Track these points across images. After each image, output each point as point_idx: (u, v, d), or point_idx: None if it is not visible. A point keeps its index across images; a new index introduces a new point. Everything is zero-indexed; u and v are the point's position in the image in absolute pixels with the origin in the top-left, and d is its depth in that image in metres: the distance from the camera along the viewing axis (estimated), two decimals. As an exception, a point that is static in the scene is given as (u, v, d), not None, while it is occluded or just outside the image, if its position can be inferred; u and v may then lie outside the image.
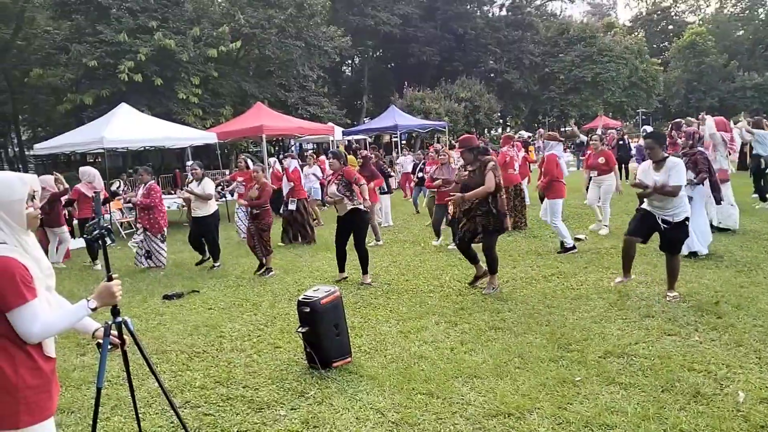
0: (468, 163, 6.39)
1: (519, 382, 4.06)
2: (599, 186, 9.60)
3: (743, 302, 5.37)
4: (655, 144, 5.63)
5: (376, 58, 46.07)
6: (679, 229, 5.56)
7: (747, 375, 3.89)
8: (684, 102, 60.48)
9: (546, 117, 50.58)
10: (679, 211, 5.53)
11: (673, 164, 5.54)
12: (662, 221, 5.58)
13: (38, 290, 2.23)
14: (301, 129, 19.95)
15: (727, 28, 68.96)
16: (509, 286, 6.70)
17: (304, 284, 7.35)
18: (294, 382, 4.37)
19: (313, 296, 4.48)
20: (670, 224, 5.56)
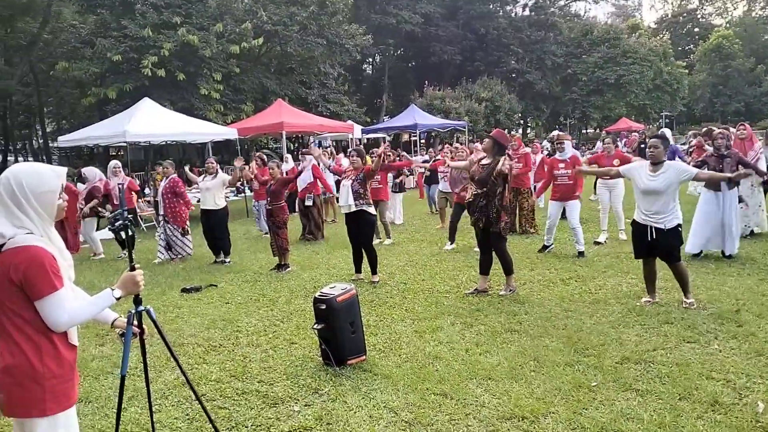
0: (486, 154, 6.37)
1: (534, 385, 4.03)
2: (610, 191, 9.43)
3: (765, 311, 5.27)
4: (661, 145, 5.53)
5: (397, 57, 46.04)
6: (673, 235, 5.40)
7: (767, 385, 3.82)
8: (709, 106, 59.60)
9: (568, 119, 50.15)
10: (672, 217, 5.37)
11: (673, 165, 5.48)
12: (655, 230, 5.40)
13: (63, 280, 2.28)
14: (321, 126, 20.01)
15: (754, 32, 67.75)
16: (526, 288, 6.65)
17: (320, 281, 7.38)
18: (308, 378, 4.39)
19: (329, 293, 4.50)
20: (662, 231, 5.38)
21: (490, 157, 6.28)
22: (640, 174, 5.57)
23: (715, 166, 7.28)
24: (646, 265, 5.69)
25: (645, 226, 5.48)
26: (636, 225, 5.60)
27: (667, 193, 5.37)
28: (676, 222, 5.40)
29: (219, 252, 9.20)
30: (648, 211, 5.46)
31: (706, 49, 59.67)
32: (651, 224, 5.43)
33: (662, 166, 5.43)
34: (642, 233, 5.52)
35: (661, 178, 5.39)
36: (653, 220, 5.42)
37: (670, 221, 5.38)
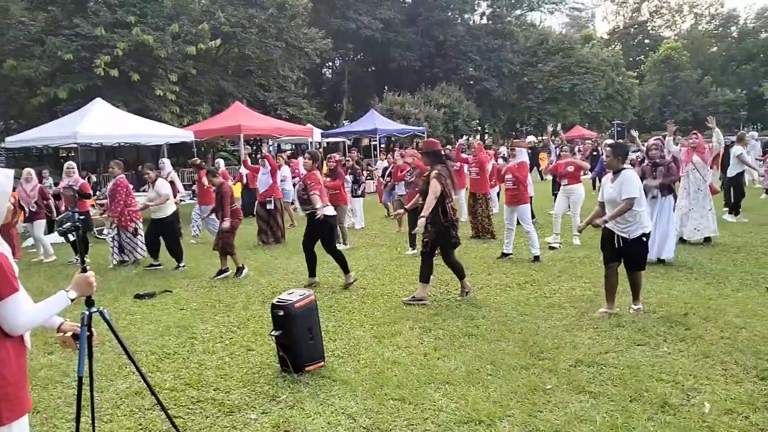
0: (426, 167, 6.45)
1: (491, 389, 4.08)
2: (568, 196, 9.67)
3: (711, 314, 5.48)
4: (612, 154, 5.60)
5: (356, 62, 46.10)
6: (636, 245, 5.42)
7: (713, 386, 3.97)
8: (658, 115, 61.65)
9: (524, 126, 51.17)
10: (636, 227, 5.37)
11: (626, 177, 5.43)
12: (620, 238, 5.44)
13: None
14: (279, 130, 19.88)
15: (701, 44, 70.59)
16: (484, 292, 6.74)
17: (278, 287, 7.30)
18: (266, 385, 4.34)
19: (287, 299, 4.45)
20: (627, 241, 5.42)
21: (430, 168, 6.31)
22: (604, 183, 5.69)
23: (648, 174, 7.56)
24: (610, 272, 5.60)
25: (612, 234, 5.51)
26: (604, 230, 5.60)
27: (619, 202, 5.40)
28: (640, 231, 5.38)
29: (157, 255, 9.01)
30: (616, 222, 5.48)
31: (655, 60, 61.86)
32: (617, 232, 5.47)
33: (619, 175, 5.48)
34: (609, 240, 5.55)
35: (616, 188, 5.44)
36: (617, 229, 5.46)
37: (634, 231, 5.37)
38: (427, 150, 6.46)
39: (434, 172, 6.16)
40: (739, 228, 10.16)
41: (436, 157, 6.33)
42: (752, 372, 4.16)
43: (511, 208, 8.46)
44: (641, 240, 5.43)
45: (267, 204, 10.71)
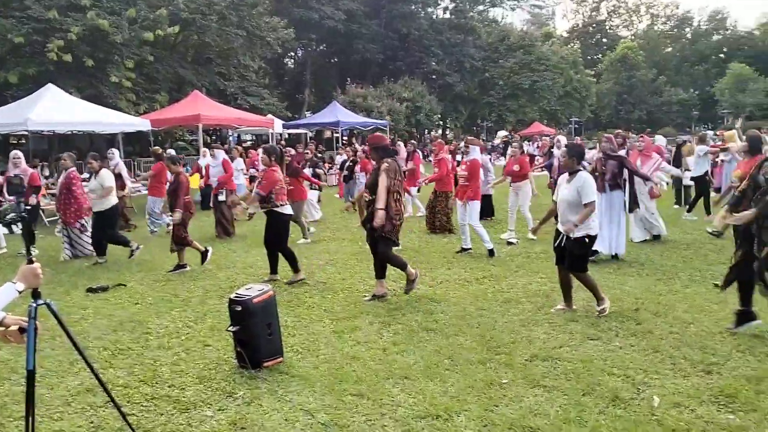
0: (374, 161, 6.44)
1: (448, 383, 4.12)
2: (517, 192, 9.92)
3: (661, 309, 5.66)
4: (567, 155, 5.66)
5: (319, 53, 45.75)
6: (577, 245, 5.37)
7: (662, 380, 4.10)
8: (614, 113, 63.25)
9: (485, 121, 51.73)
10: (580, 228, 5.34)
11: (582, 180, 5.41)
12: (564, 237, 5.44)
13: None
14: (239, 120, 19.60)
15: (656, 45, 72.57)
16: (443, 287, 6.80)
17: (236, 281, 7.22)
18: (222, 381, 4.28)
19: (245, 295, 4.40)
20: (569, 240, 5.39)
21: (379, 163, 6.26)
22: (560, 183, 5.71)
23: (599, 168, 7.75)
24: (560, 272, 5.66)
25: (559, 233, 5.56)
26: (556, 231, 5.63)
27: (575, 204, 5.40)
28: (584, 233, 5.37)
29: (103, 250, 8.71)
30: (561, 219, 5.56)
31: (612, 59, 63.35)
32: (562, 232, 5.51)
33: (575, 177, 5.49)
34: (557, 237, 5.60)
35: (572, 189, 5.44)
36: (563, 228, 5.48)
37: (578, 231, 5.36)
38: (375, 144, 6.43)
39: (383, 166, 6.09)
40: (689, 225, 10.52)
41: (385, 152, 6.32)
42: (699, 366, 4.31)
43: (463, 204, 8.54)
44: (583, 241, 5.38)
45: (219, 195, 10.54)
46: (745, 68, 57.13)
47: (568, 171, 5.62)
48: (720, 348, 4.64)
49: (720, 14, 72.78)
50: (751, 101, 55.68)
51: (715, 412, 3.63)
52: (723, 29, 72.73)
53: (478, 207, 8.64)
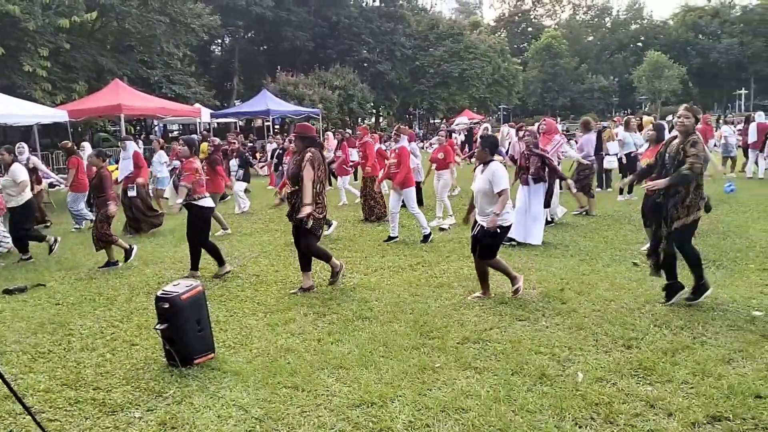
0: (297, 151, 6.22)
1: (383, 370, 4.16)
2: (439, 179, 10.11)
3: (585, 289, 5.91)
4: (480, 146, 5.75)
5: (247, 40, 44.68)
6: (488, 235, 5.47)
7: (586, 356, 4.29)
8: (540, 100, 65.21)
9: (417, 109, 52.15)
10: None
11: (493, 170, 5.48)
12: (479, 226, 5.55)
13: None
14: (164, 109, 18.92)
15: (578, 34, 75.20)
16: (377, 275, 6.84)
17: (165, 277, 7.00)
18: (151, 381, 4.15)
19: (172, 291, 4.27)
20: (482, 229, 5.50)
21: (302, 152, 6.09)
22: (476, 174, 5.74)
23: (522, 163, 8.05)
24: (476, 260, 5.76)
25: (476, 222, 5.67)
26: (474, 220, 5.75)
27: (489, 194, 5.48)
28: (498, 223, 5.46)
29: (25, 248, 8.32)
30: (478, 210, 5.63)
31: (537, 47, 65.20)
32: (478, 221, 5.60)
33: (488, 167, 5.56)
34: (474, 228, 5.70)
35: (485, 179, 5.51)
36: (480, 218, 5.60)
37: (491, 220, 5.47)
38: (302, 134, 6.21)
39: (307, 156, 5.93)
40: (609, 207, 11.01)
41: (311, 142, 6.17)
42: (620, 341, 4.54)
43: (396, 191, 8.61)
44: (495, 232, 5.48)
45: (129, 191, 10.10)
46: (660, 56, 60.21)
47: (482, 162, 5.68)
48: (639, 323, 4.89)
49: (637, 4, 76.26)
50: (666, 87, 58.84)
51: (634, 384, 3.83)
52: (640, 19, 76.28)
53: (414, 193, 8.74)
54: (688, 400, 3.58)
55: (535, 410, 3.54)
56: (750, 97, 66.11)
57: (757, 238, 7.91)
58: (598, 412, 3.49)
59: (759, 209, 10.09)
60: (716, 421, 3.35)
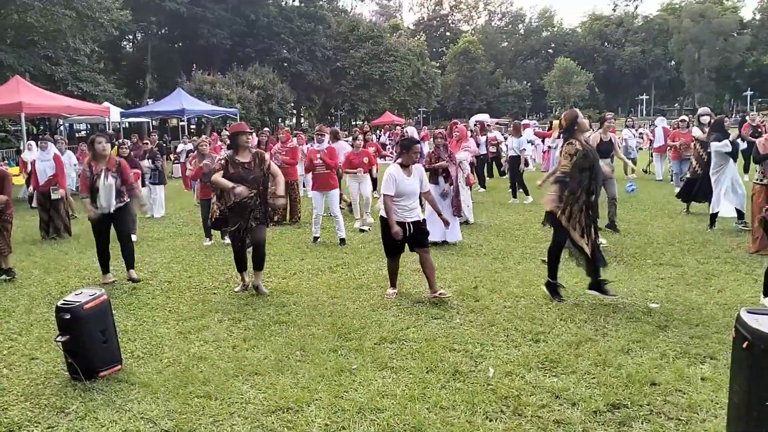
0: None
1: (299, 375, 4.13)
2: (359, 183, 10.03)
3: (497, 286, 6.12)
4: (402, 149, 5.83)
5: (160, 36, 43.11)
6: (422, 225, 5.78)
7: (497, 352, 4.44)
8: (458, 103, 66.88)
9: (338, 110, 52.12)
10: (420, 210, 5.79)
11: (421, 170, 5.85)
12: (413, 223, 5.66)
13: None
14: (69, 108, 17.90)
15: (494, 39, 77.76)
16: (296, 278, 6.78)
17: (69, 285, 6.62)
18: (52, 397, 3.92)
19: (74, 301, 4.04)
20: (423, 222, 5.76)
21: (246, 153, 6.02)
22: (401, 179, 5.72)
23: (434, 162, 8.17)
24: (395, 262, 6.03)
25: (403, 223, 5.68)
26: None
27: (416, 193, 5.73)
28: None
29: None
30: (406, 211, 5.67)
31: (455, 51, 66.89)
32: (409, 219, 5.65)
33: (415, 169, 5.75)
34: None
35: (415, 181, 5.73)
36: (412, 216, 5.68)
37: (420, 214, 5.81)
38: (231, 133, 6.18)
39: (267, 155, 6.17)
40: (521, 208, 11.45)
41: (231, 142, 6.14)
42: (528, 336, 4.73)
43: (322, 193, 8.60)
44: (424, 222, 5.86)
45: (52, 193, 9.55)
46: (569, 62, 63.35)
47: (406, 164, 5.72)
48: (546, 318, 5.12)
49: (548, 12, 79.86)
50: (574, 92, 61.91)
51: (541, 376, 4.01)
52: (551, 26, 79.88)
53: (338, 195, 8.75)
54: (590, 389, 3.79)
55: (448, 406, 3.62)
56: (651, 102, 70.78)
57: (654, 235, 8.47)
58: (508, 405, 3.62)
59: (656, 208, 10.82)
60: (615, 408, 3.56)
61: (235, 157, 5.90)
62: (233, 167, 5.84)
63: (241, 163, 5.89)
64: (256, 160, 5.96)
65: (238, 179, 5.80)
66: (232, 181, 5.78)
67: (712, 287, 5.93)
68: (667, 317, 5.03)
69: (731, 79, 65.96)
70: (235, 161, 5.87)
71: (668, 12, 70.28)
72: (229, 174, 5.81)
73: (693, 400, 3.60)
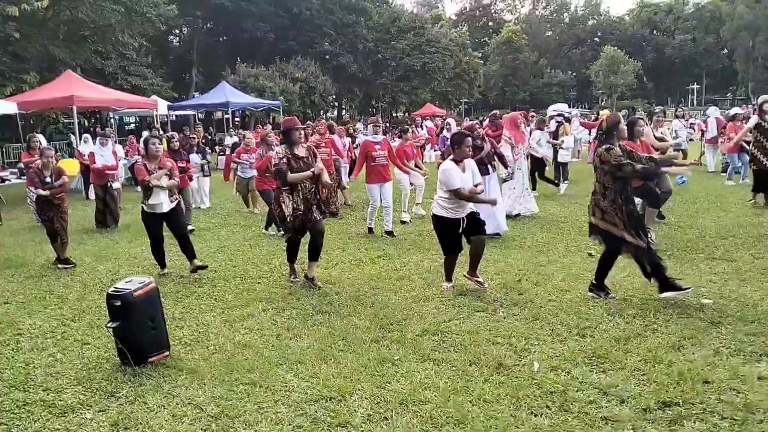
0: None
1: (342, 364, 4.15)
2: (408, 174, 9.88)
3: (541, 279, 6.01)
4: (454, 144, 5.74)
5: (206, 31, 43.82)
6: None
7: (542, 346, 4.36)
8: (501, 94, 65.92)
9: (379, 102, 52.11)
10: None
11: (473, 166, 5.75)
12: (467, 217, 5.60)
13: None
14: (119, 101, 18.40)
15: (538, 29, 76.25)
16: (338, 268, 6.81)
17: (119, 273, 6.82)
18: (103, 381, 4.05)
19: (124, 288, 4.16)
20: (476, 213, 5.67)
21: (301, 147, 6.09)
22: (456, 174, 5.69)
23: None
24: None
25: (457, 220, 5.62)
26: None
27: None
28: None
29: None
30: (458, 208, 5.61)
31: (498, 42, 65.83)
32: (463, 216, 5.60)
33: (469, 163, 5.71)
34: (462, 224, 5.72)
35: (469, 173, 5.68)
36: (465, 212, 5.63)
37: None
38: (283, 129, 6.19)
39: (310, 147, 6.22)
40: (565, 200, 11.21)
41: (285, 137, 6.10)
42: (574, 330, 4.63)
43: (380, 185, 8.51)
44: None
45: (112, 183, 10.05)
46: (616, 51, 61.57)
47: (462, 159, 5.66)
48: (593, 312, 5.00)
49: (595, 0, 77.69)
50: (621, 82, 60.21)
51: (588, 372, 3.92)
52: (597, 15, 77.79)
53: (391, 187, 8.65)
54: (640, 386, 3.68)
55: (492, 400, 3.58)
56: (702, 91, 68.29)
57: (706, 228, 8.17)
58: (554, 401, 3.55)
59: (709, 201, 10.42)
60: (666, 406, 3.45)
61: (294, 152, 5.93)
62: (295, 162, 5.87)
63: (301, 157, 5.92)
64: (311, 153, 6.05)
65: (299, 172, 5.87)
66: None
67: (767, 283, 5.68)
68: (721, 313, 4.84)
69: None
70: (296, 155, 5.90)
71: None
72: (293, 169, 5.84)
73: (749, 400, 3.45)
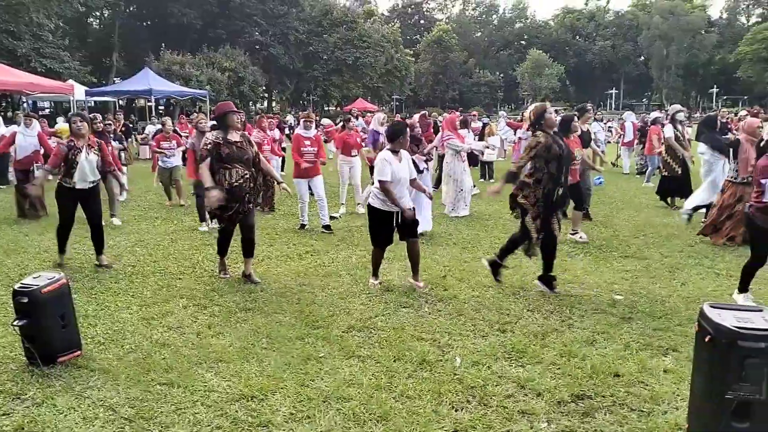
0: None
1: (265, 363, 4.07)
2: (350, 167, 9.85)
3: (465, 275, 6.14)
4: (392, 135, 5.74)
5: (129, 14, 41.96)
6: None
7: (464, 341, 4.46)
8: (431, 92, 66.86)
9: (310, 95, 51.62)
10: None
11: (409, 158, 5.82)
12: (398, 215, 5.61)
13: None
14: (32, 85, 17.26)
15: (468, 29, 77.83)
16: (264, 265, 6.68)
17: (29, 268, 6.39)
18: (8, 383, 3.79)
19: (32, 284, 3.90)
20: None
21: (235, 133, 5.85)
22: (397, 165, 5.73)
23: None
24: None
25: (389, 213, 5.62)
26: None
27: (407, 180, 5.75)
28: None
29: None
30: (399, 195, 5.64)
31: (429, 40, 66.69)
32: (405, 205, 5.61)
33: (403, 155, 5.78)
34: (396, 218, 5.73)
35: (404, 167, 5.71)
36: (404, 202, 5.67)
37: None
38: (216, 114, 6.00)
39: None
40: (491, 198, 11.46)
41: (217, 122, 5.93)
42: (495, 326, 4.75)
43: (307, 180, 8.38)
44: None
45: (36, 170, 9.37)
46: (541, 55, 63.86)
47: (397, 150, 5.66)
48: (513, 308, 5.15)
49: (522, 4, 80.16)
50: (546, 85, 62.54)
51: (507, 366, 4.03)
52: (524, 18, 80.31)
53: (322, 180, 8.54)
54: (555, 380, 3.83)
55: (414, 396, 3.62)
56: (620, 96, 71.94)
57: (620, 227, 8.61)
58: (474, 395, 3.64)
59: (623, 201, 11.00)
60: (579, 399, 3.60)
61: (226, 137, 5.70)
62: (227, 146, 5.63)
63: (234, 142, 5.69)
64: (245, 139, 5.82)
65: (233, 159, 5.62)
66: (227, 161, 5.60)
67: (675, 280, 6.05)
68: (632, 309, 5.12)
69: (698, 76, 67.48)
70: (228, 140, 5.67)
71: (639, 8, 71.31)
72: (223, 154, 5.61)
73: (655, 392, 3.66)
